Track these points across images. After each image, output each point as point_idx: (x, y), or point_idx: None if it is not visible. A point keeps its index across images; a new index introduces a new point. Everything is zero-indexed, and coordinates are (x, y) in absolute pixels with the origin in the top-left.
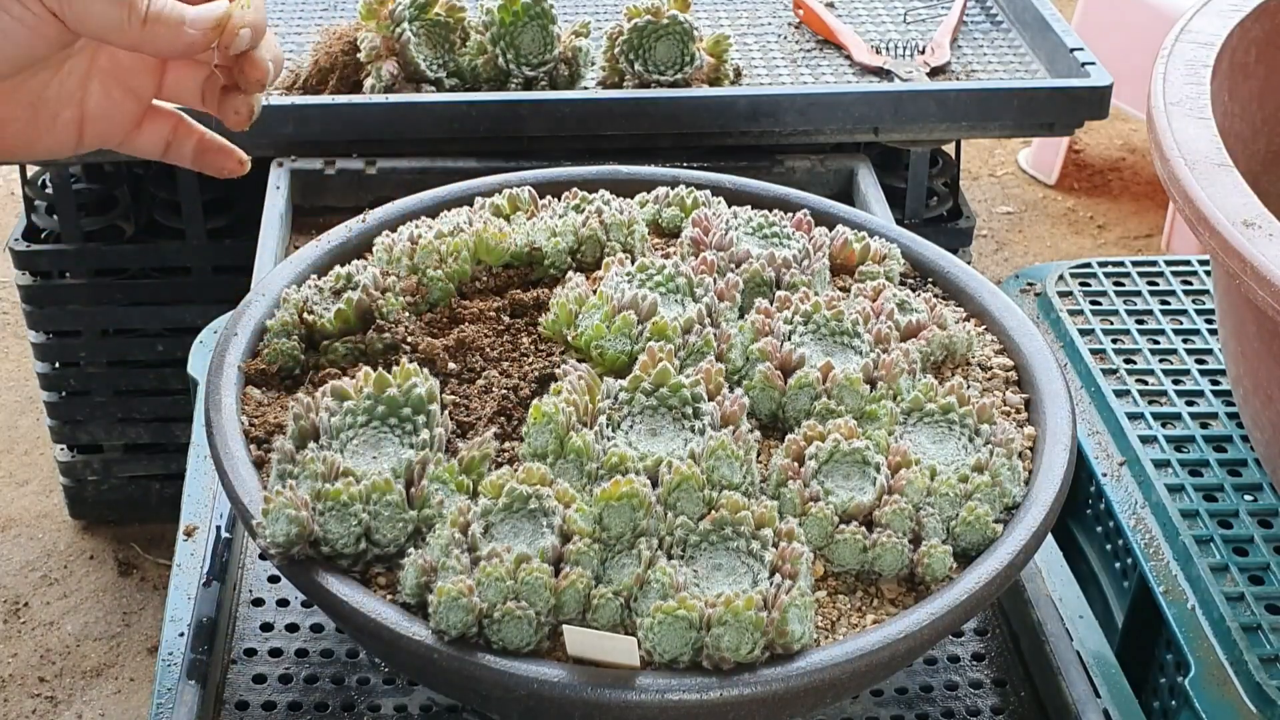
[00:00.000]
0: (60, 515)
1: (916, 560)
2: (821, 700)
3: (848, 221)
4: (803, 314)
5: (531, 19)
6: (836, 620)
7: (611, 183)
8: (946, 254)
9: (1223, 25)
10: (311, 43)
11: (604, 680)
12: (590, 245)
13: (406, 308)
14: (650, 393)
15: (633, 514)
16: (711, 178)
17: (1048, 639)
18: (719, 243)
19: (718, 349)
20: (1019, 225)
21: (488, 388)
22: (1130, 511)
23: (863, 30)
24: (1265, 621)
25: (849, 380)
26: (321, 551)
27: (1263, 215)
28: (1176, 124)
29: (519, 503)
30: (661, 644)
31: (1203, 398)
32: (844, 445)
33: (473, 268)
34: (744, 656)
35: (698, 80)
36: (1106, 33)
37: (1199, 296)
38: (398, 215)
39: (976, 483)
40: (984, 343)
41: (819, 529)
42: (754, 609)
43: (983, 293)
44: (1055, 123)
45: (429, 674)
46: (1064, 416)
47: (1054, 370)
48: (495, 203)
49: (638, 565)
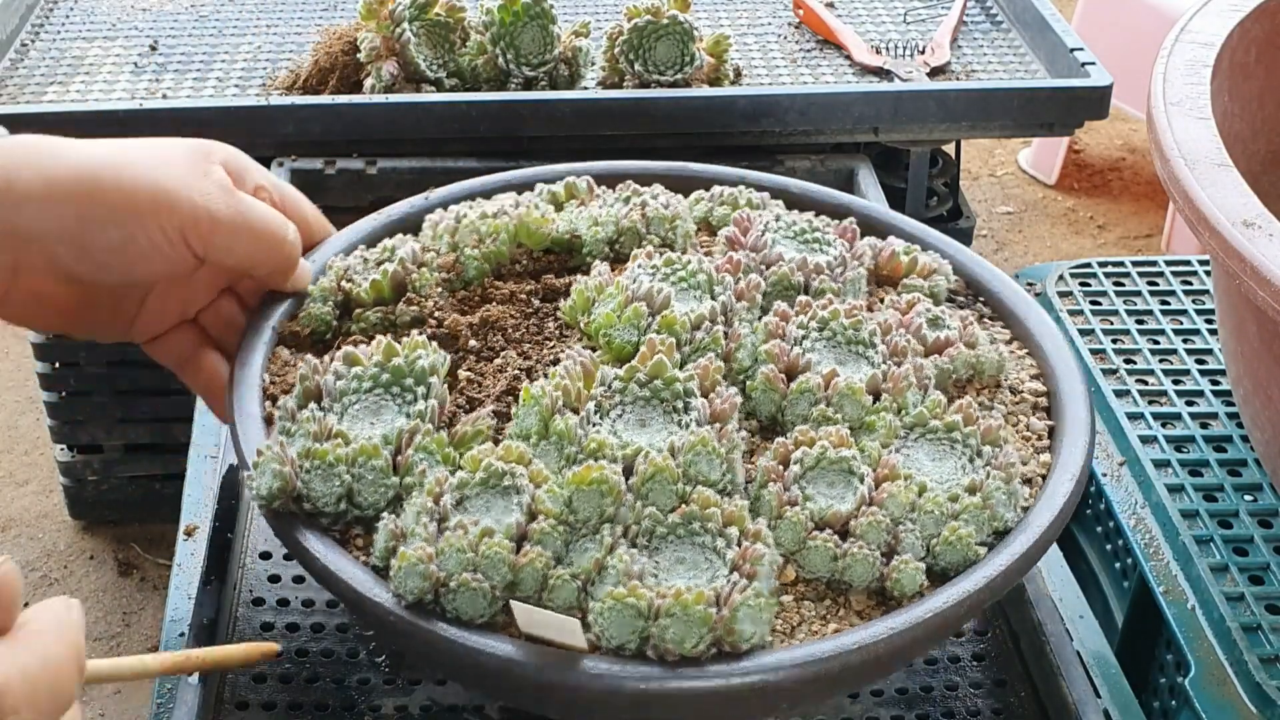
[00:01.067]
0: (60, 515)
1: (887, 574)
2: (771, 704)
3: (903, 233)
4: (819, 320)
5: (531, 19)
6: (798, 625)
7: (679, 179)
8: (1000, 274)
9: (1223, 25)
10: (311, 43)
11: (549, 659)
12: (629, 237)
13: (440, 284)
14: (644, 384)
15: (601, 500)
16: (777, 180)
17: (1048, 639)
18: (754, 244)
19: (726, 348)
20: (1019, 225)
21: (503, 367)
22: (1130, 511)
23: (863, 30)
24: (1265, 621)
25: (851, 389)
26: (304, 508)
27: (1263, 215)
28: (1176, 124)
29: (494, 479)
30: (610, 630)
31: (1203, 398)
32: (831, 453)
33: (513, 250)
34: (688, 650)
35: (698, 80)
36: (1106, 33)
37: (1199, 296)
38: (459, 195)
39: (966, 503)
40: (1022, 366)
41: (792, 534)
42: (704, 604)
43: (1029, 316)
44: (1055, 123)
45: (388, 636)
46: (1079, 448)
47: (1080, 399)
48: (553, 190)
49: (599, 551)
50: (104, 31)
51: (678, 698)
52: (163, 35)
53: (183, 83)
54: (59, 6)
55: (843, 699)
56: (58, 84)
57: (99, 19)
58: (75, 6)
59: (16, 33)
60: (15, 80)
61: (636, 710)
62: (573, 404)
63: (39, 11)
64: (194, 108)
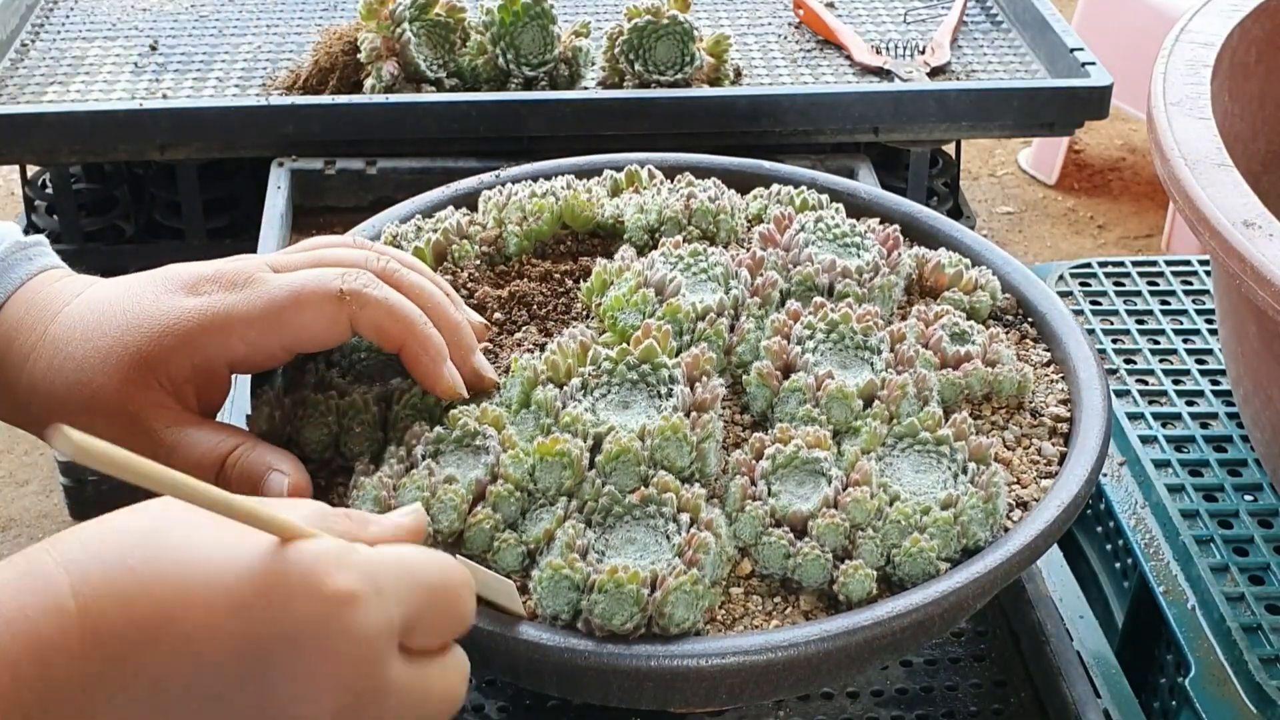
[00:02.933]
0: (60, 515)
1: (836, 578)
2: (698, 691)
3: (958, 245)
4: (829, 322)
5: (531, 19)
6: (740, 617)
7: (753, 176)
8: (1051, 295)
9: (1223, 25)
10: (311, 43)
11: (484, 618)
12: (671, 226)
13: (480, 256)
14: (633, 367)
15: (561, 472)
16: (846, 184)
17: (1048, 639)
18: (787, 243)
19: (729, 341)
20: (1019, 225)
21: (521, 341)
22: (1130, 511)
23: (863, 30)
24: (1265, 621)
25: (841, 393)
26: (293, 453)
27: (1263, 215)
28: (1176, 124)
29: (468, 437)
30: (546, 599)
31: (1203, 398)
32: (803, 453)
33: (557, 231)
34: (617, 626)
35: (698, 80)
36: (1106, 33)
37: (1199, 296)
38: (526, 175)
39: (936, 517)
40: (1051, 390)
41: (750, 527)
42: (637, 584)
43: (1068, 340)
44: (1055, 123)
45: None
46: (1078, 477)
47: (1096, 429)
48: (615, 176)
49: (551, 522)
50: (104, 31)
51: (598, 671)
52: (163, 35)
53: (183, 83)
54: (59, 6)
55: (843, 699)
56: (58, 84)
57: (99, 19)
58: (75, 6)
59: (16, 33)
60: (15, 80)
61: (563, 680)
62: (559, 379)
63: (39, 11)
64: (194, 108)
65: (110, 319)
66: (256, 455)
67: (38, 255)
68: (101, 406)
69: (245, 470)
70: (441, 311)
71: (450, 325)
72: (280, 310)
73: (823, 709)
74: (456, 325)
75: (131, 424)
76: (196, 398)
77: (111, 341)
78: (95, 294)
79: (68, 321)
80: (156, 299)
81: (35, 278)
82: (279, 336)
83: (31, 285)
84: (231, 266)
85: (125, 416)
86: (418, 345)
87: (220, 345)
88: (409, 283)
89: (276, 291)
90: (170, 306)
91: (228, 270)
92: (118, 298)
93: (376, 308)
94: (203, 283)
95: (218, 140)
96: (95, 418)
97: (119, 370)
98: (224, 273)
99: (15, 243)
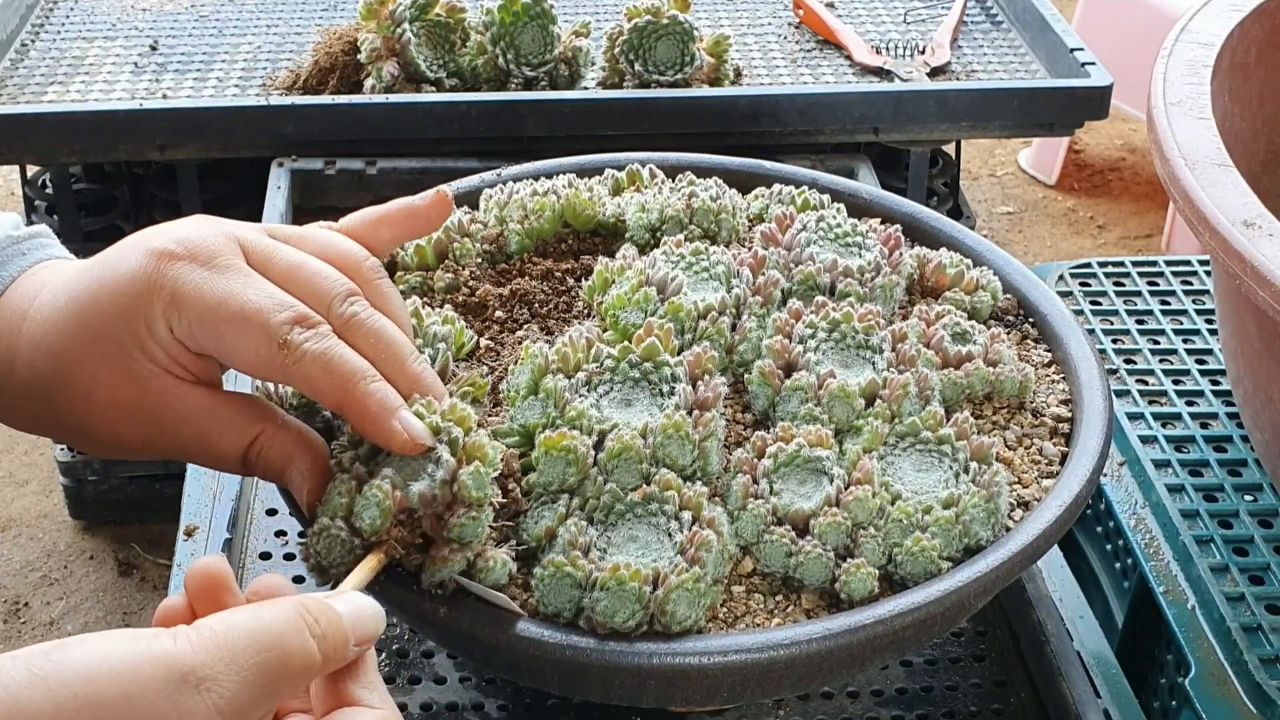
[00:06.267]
0: (60, 515)
1: (838, 577)
2: (700, 689)
3: (959, 246)
4: (830, 321)
5: (531, 19)
6: (742, 616)
7: (755, 176)
8: (1052, 296)
9: (1223, 25)
10: (311, 43)
11: (484, 617)
12: (672, 225)
13: (481, 255)
14: (635, 364)
15: (565, 468)
16: (848, 184)
17: (1048, 639)
18: (788, 242)
19: (730, 340)
20: (1019, 225)
21: (523, 339)
22: (1130, 511)
23: (863, 30)
24: (1265, 621)
25: (843, 391)
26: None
27: (1263, 215)
28: (1176, 124)
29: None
30: (548, 596)
31: (1203, 398)
32: (805, 451)
33: (558, 229)
34: (619, 624)
35: (698, 80)
36: (1106, 33)
37: (1199, 296)
38: (527, 174)
39: (938, 516)
40: (1052, 391)
41: (752, 526)
42: (639, 582)
43: (1070, 340)
44: (1055, 123)
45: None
46: (1079, 477)
47: (1097, 430)
48: (616, 175)
49: (553, 520)
50: (104, 31)
51: (600, 669)
52: (163, 35)
53: (183, 83)
54: (59, 6)
55: (843, 699)
56: (58, 84)
57: (99, 19)
58: (75, 6)
59: (16, 33)
60: (15, 80)
61: (564, 677)
62: (569, 370)
63: (39, 11)
64: (194, 108)
65: (72, 308)
66: (280, 446)
67: (31, 250)
68: (102, 405)
69: (270, 461)
70: (398, 365)
71: (408, 378)
72: (218, 321)
73: (823, 709)
74: (415, 377)
75: (140, 411)
76: (192, 366)
77: (71, 337)
78: (59, 283)
79: (38, 317)
80: (114, 265)
81: (26, 273)
82: (210, 342)
83: (21, 282)
84: (212, 239)
85: (134, 407)
86: (357, 404)
87: (162, 314)
88: (369, 330)
89: (228, 299)
90: (127, 268)
91: (206, 242)
92: (80, 278)
93: (312, 364)
94: (170, 248)
95: (218, 140)
96: (99, 415)
97: (96, 358)
98: (198, 243)
99: (6, 237)
